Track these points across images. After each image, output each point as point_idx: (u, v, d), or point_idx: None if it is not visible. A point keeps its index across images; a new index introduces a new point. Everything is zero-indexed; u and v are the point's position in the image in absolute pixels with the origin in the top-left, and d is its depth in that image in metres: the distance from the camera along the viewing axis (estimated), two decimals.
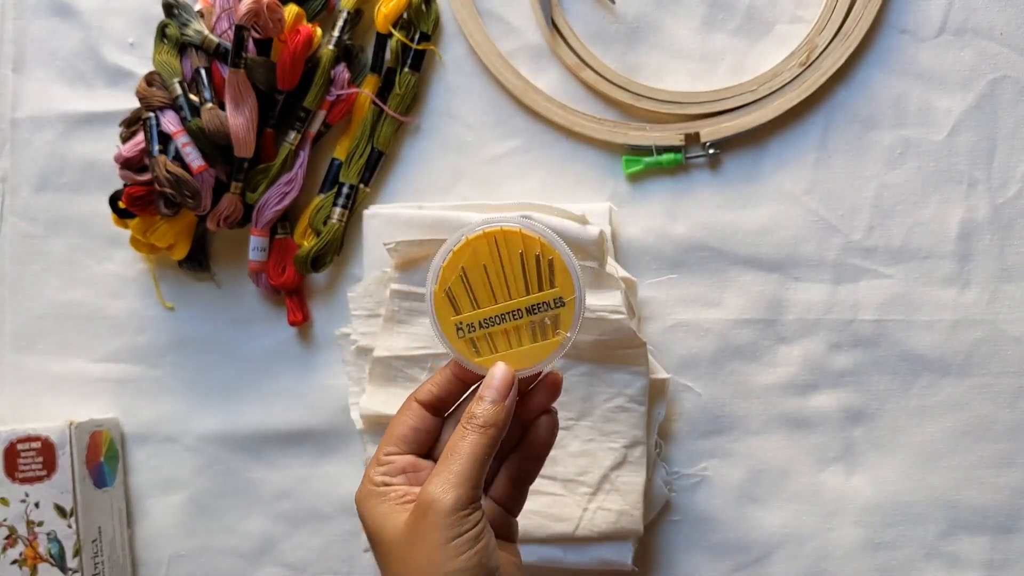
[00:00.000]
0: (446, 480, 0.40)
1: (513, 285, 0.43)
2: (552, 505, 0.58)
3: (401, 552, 0.40)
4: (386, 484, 0.42)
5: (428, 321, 0.45)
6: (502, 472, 0.46)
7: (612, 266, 0.60)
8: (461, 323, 0.43)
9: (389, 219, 0.61)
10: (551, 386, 0.45)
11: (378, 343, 0.60)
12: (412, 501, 0.41)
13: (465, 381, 0.45)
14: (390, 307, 0.60)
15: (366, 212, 0.62)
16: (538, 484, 0.58)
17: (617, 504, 0.58)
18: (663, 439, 0.62)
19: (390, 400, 0.59)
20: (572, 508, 0.58)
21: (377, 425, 0.59)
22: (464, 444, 0.41)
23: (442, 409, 0.45)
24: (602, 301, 0.57)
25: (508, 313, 0.43)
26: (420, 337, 0.59)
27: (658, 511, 0.62)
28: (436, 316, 0.43)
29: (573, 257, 0.43)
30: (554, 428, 0.46)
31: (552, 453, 0.56)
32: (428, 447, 0.45)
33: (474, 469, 0.40)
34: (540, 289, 0.43)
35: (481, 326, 0.43)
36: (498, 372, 0.43)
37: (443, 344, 0.44)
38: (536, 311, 0.43)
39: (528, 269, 0.43)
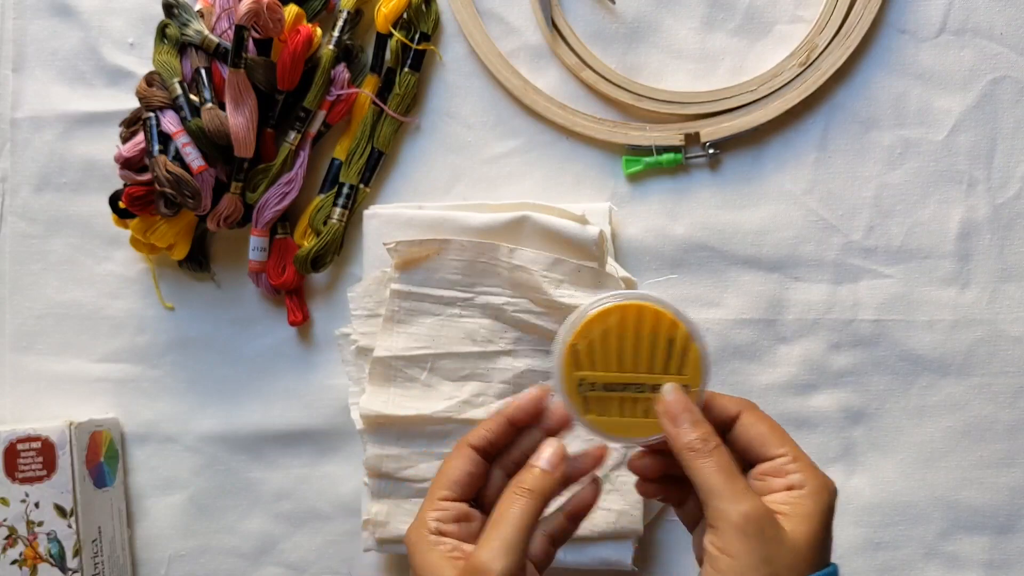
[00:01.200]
0: (498, 549, 0.41)
1: (645, 360, 0.44)
2: (552, 505, 0.58)
3: None
4: (440, 532, 0.43)
5: (553, 371, 0.45)
6: (539, 529, 0.47)
7: (612, 266, 0.60)
8: (584, 380, 0.44)
9: (389, 219, 0.61)
10: (598, 456, 0.47)
11: (378, 343, 0.60)
12: (461, 558, 0.42)
13: (517, 426, 0.46)
14: (390, 307, 0.60)
15: (366, 212, 0.62)
16: None
17: (617, 504, 0.58)
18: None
19: (390, 400, 0.59)
20: None
21: (377, 425, 0.59)
22: (513, 510, 0.42)
23: (492, 453, 0.46)
24: None
25: (631, 384, 0.44)
26: (420, 337, 0.60)
27: (658, 511, 0.62)
28: (563, 365, 0.44)
29: (709, 355, 0.44)
30: (597, 493, 0.47)
31: None
32: (477, 491, 0.46)
33: (522, 535, 0.41)
34: (667, 372, 0.44)
35: (603, 388, 0.44)
36: (552, 445, 0.44)
37: (561, 394, 0.44)
38: (658, 391, 0.44)
39: (661, 348, 0.44)
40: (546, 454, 0.44)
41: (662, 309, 0.44)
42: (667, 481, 0.46)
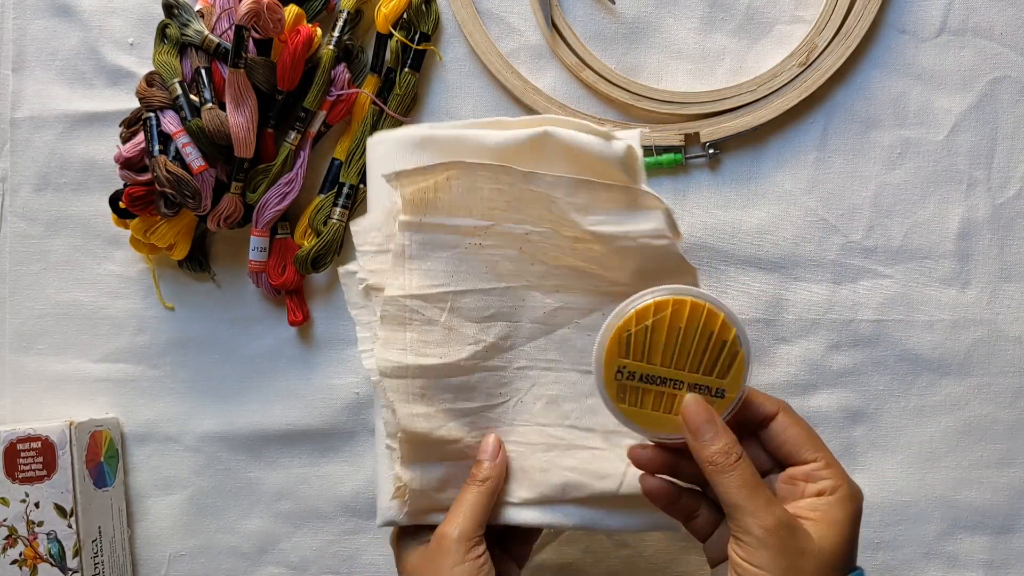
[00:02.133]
0: (454, 522, 0.48)
1: (690, 357, 0.44)
2: (592, 460, 0.51)
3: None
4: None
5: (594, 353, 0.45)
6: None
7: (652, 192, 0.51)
8: (623, 367, 0.44)
9: (398, 143, 0.53)
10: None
11: (388, 282, 0.52)
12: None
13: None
14: (399, 241, 0.51)
15: (371, 140, 0.55)
16: (577, 437, 0.52)
17: None
18: None
19: (408, 348, 0.51)
20: (614, 463, 0.50)
21: (397, 379, 0.51)
22: (467, 496, 0.50)
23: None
24: (641, 226, 0.49)
25: (671, 380, 0.44)
26: (436, 273, 0.52)
27: None
28: (606, 350, 0.44)
29: (751, 359, 0.44)
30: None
31: (590, 402, 0.52)
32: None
33: (473, 512, 0.49)
34: (710, 374, 0.44)
35: (640, 379, 0.44)
36: (491, 439, 0.51)
37: (597, 378, 0.45)
38: (695, 390, 0.44)
39: (711, 351, 0.44)
40: (488, 448, 0.51)
41: (715, 309, 0.43)
42: (674, 494, 0.47)
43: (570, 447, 0.52)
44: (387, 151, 0.54)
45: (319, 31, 0.62)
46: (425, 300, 0.51)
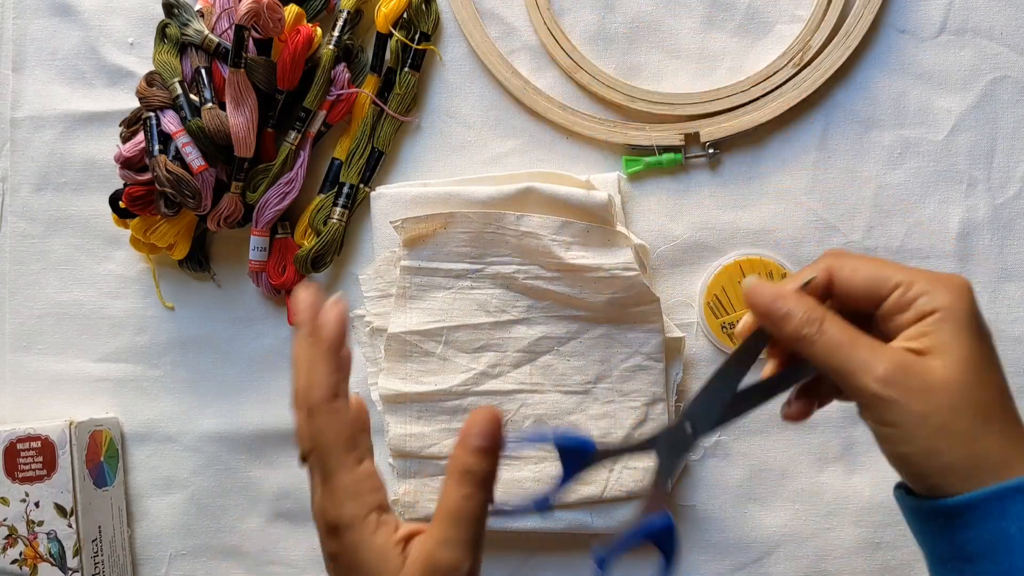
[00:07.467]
0: (464, 548, 0.35)
1: None
2: None
3: None
4: (381, 508, 0.38)
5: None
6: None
7: (623, 231, 0.60)
8: (725, 323, 0.60)
9: (395, 198, 0.62)
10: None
11: (392, 320, 0.60)
12: (403, 541, 0.37)
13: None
14: (401, 284, 0.60)
15: (372, 193, 0.62)
16: None
17: (643, 461, 0.58)
18: (680, 400, 0.61)
19: (408, 377, 0.59)
20: (598, 470, 0.58)
21: (397, 404, 0.60)
22: (470, 507, 0.36)
23: None
24: (613, 260, 0.57)
25: None
26: (433, 312, 0.60)
27: (681, 470, 0.61)
28: (706, 320, 0.60)
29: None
30: None
31: (572, 418, 0.60)
32: None
33: (482, 530, 0.36)
34: None
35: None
36: (488, 416, 0.37)
37: (714, 340, 0.60)
38: None
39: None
40: (476, 428, 0.37)
41: (767, 260, 0.59)
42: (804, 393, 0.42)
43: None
44: (386, 204, 0.62)
45: (319, 31, 0.62)
46: (423, 335, 0.60)
